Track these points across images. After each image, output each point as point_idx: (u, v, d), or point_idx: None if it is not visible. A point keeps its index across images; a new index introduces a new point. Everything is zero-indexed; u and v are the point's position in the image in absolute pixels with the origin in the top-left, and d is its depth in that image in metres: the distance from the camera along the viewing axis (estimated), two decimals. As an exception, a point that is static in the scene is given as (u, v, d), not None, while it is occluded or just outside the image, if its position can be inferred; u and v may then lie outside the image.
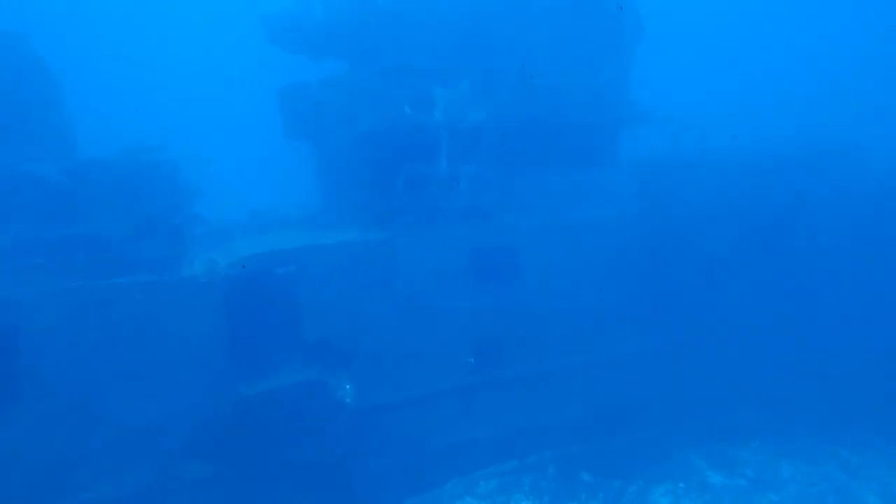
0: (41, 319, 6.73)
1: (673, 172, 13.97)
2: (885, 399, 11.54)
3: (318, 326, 9.75)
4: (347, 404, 9.00)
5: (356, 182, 12.52)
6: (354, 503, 9.52)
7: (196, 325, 8.16)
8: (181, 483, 7.76)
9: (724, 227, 13.17)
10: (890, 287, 13.01)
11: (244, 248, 9.91)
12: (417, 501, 9.95)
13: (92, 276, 7.50)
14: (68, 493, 6.88)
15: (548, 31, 13.35)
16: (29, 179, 8.82)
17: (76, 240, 7.69)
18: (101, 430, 7.17)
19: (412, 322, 10.69)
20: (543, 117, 12.77)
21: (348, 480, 9.39)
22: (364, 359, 10.04)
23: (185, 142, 16.26)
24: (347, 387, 9.42)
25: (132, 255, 8.23)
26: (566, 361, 11.91)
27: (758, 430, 11.72)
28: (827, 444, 10.95)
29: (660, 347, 12.61)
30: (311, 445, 8.79)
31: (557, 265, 11.92)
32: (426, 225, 11.26)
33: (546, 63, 12.92)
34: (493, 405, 11.28)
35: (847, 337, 12.55)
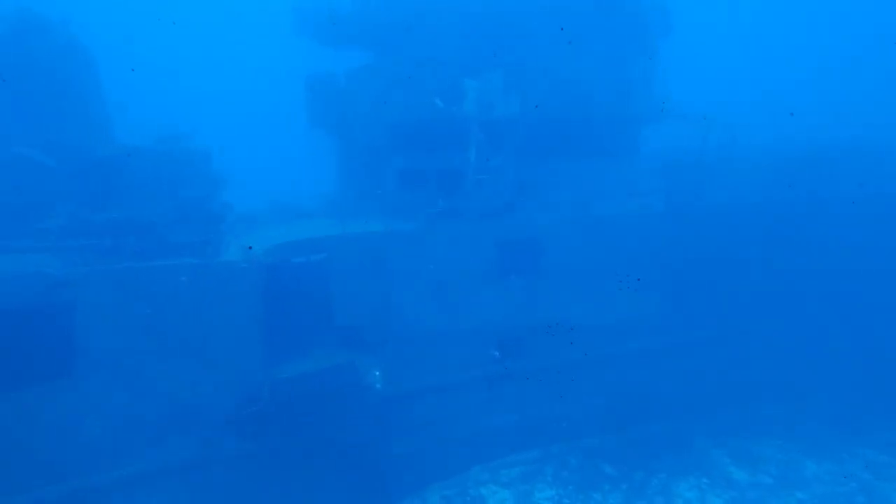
0: (94, 297, 7.02)
1: (700, 169, 13.96)
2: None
3: (348, 313, 9.98)
4: (378, 389, 9.21)
5: (383, 173, 12.69)
6: (381, 485, 9.76)
7: (234, 307, 8.40)
8: (222, 457, 8.06)
9: (750, 223, 13.15)
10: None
11: (277, 236, 10.14)
12: (442, 486, 10.14)
13: (139, 257, 7.77)
14: (119, 463, 7.19)
15: (575, 25, 13.34)
16: (77, 163, 9.14)
17: (124, 223, 7.95)
18: (149, 404, 7.48)
19: (438, 312, 10.86)
20: (569, 111, 12.83)
21: (375, 462, 9.62)
22: (391, 346, 10.24)
23: (211, 131, 16.54)
24: (377, 373, 9.63)
25: (174, 239, 8.48)
26: (587, 353, 12.04)
27: (778, 426, 11.69)
28: (850, 443, 10.91)
29: (680, 341, 12.68)
30: (341, 427, 9.03)
31: (581, 258, 12.00)
32: (453, 216, 11.40)
33: (573, 57, 12.94)
34: (516, 395, 11.44)
35: (870, 335, 12.49)
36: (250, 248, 9.45)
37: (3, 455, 6.46)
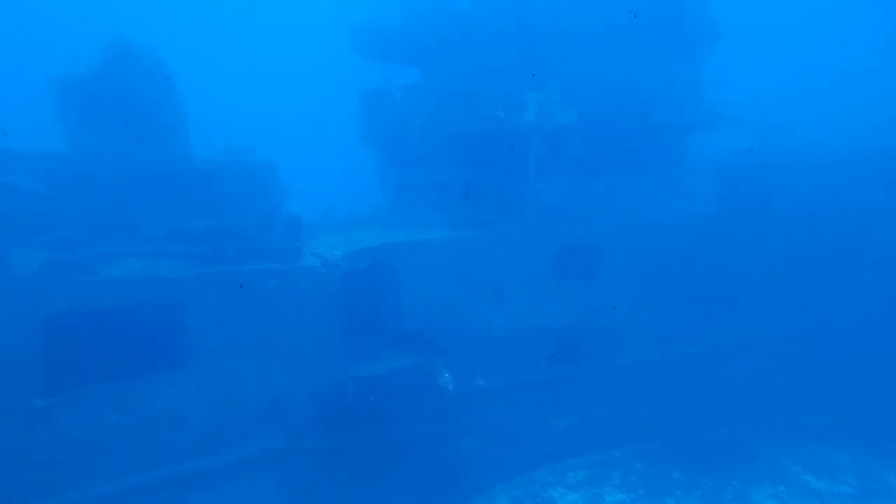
0: (200, 298, 7.66)
1: (758, 173, 13.89)
2: None
3: (416, 317, 10.40)
4: (449, 390, 9.54)
5: (444, 182, 13.14)
6: (449, 484, 10.05)
7: (316, 310, 8.92)
8: (305, 451, 8.54)
9: (811, 228, 12.97)
10: None
11: (349, 243, 10.68)
12: (507, 486, 10.35)
13: (235, 262, 8.41)
14: (220, 452, 7.76)
15: (626, 35, 13.55)
16: (172, 176, 9.95)
17: (219, 231, 8.62)
18: (243, 399, 8.05)
19: (500, 315, 11.17)
20: (622, 119, 13.03)
21: (445, 461, 9.93)
22: (457, 348, 10.58)
23: (271, 145, 17.43)
24: (446, 374, 9.97)
25: (262, 246, 9.11)
26: (646, 356, 12.09)
27: (848, 434, 11.33)
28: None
29: (741, 345, 12.55)
30: (415, 425, 9.39)
31: (639, 262, 12.11)
32: (514, 223, 11.73)
33: (625, 66, 13.15)
34: (577, 398, 11.58)
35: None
36: (326, 254, 10.00)
37: (122, 439, 7.11)
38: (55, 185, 9.05)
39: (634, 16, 12.68)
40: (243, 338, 8.03)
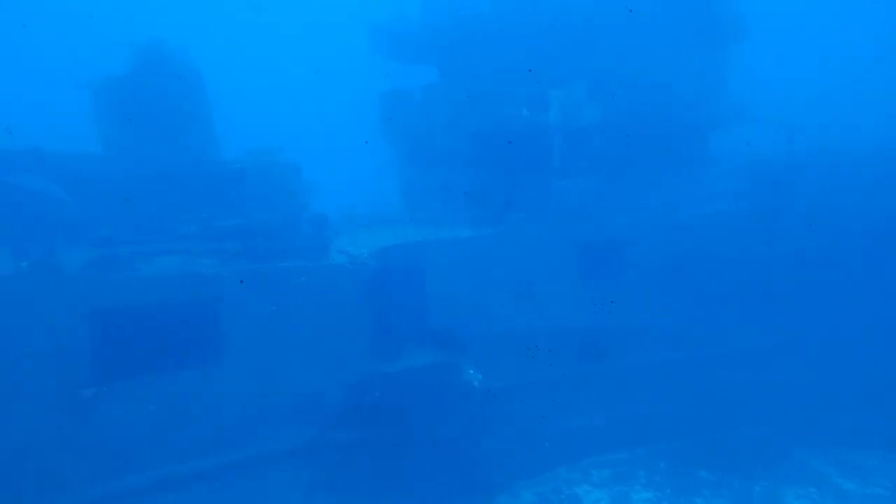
0: (235, 293, 7.88)
1: (785, 171, 13.70)
2: None
3: (442, 313, 10.50)
4: (475, 387, 9.62)
5: (466, 180, 13.21)
6: (473, 479, 10.13)
7: (344, 306, 9.09)
8: (334, 444, 8.72)
9: (843, 226, 12.74)
10: None
11: (374, 240, 10.82)
12: (531, 483, 10.38)
13: (264, 259, 8.61)
14: (249, 443, 7.97)
15: (652, 32, 13.45)
16: (203, 175, 10.22)
17: (250, 228, 8.84)
18: (276, 392, 8.26)
19: (524, 313, 11.22)
20: (646, 117, 12.95)
21: (469, 457, 10.02)
22: (482, 345, 10.65)
23: (295, 145, 17.67)
24: (471, 371, 10.06)
25: (291, 243, 9.30)
26: (670, 355, 12.02)
27: (879, 436, 11.12)
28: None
29: (768, 345, 12.40)
30: (441, 421, 9.50)
31: (664, 261, 12.04)
32: (537, 221, 11.76)
33: (650, 64, 13.06)
34: (600, 396, 11.57)
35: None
36: (353, 251, 10.16)
37: (160, 429, 7.36)
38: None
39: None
40: (274, 333, 8.23)
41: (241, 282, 7.90)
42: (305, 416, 8.53)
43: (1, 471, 6.18)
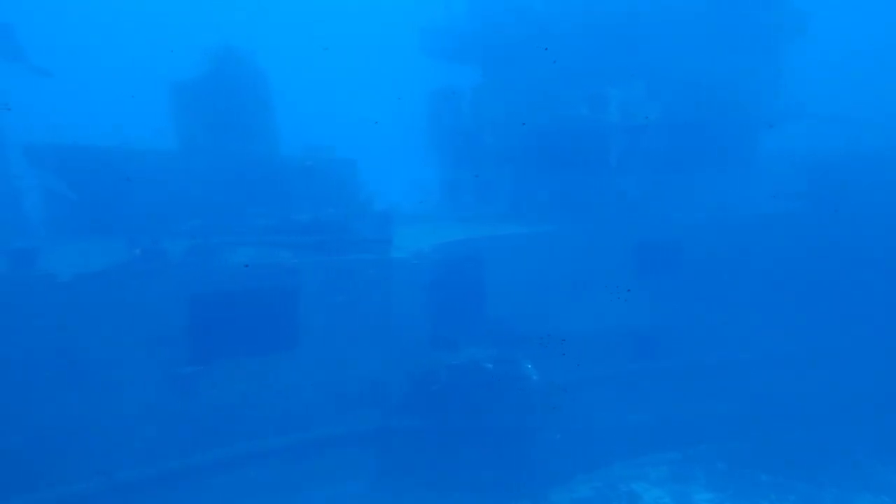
0: (310, 283, 8.34)
1: (845, 170, 13.30)
2: None
3: (499, 308, 10.72)
4: (534, 381, 9.80)
5: (525, 178, 13.37)
6: (529, 472, 10.31)
7: (407, 298, 9.43)
8: (398, 431, 9.09)
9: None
10: None
11: (433, 236, 11.12)
12: (587, 478, 10.47)
13: (335, 252, 9.04)
14: (319, 425, 8.45)
15: (710, 29, 13.28)
16: (276, 171, 10.78)
17: (323, 222, 9.30)
18: (347, 378, 8.69)
19: (582, 310, 11.30)
20: (705, 115, 12.81)
21: (526, 450, 10.20)
22: (538, 341, 10.80)
23: (348, 142, 18.19)
24: (529, 365, 10.23)
25: (359, 237, 9.71)
26: (725, 355, 11.87)
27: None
28: None
29: (825, 347, 12.07)
30: (500, 413, 9.73)
31: (721, 260, 11.90)
32: (594, 219, 11.82)
33: (709, 61, 12.91)
34: (654, 394, 11.55)
35: None
36: (418, 246, 10.48)
37: (247, 406, 7.90)
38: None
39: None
40: (344, 321, 8.65)
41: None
42: (372, 403, 8.91)
43: (116, 434, 6.82)
